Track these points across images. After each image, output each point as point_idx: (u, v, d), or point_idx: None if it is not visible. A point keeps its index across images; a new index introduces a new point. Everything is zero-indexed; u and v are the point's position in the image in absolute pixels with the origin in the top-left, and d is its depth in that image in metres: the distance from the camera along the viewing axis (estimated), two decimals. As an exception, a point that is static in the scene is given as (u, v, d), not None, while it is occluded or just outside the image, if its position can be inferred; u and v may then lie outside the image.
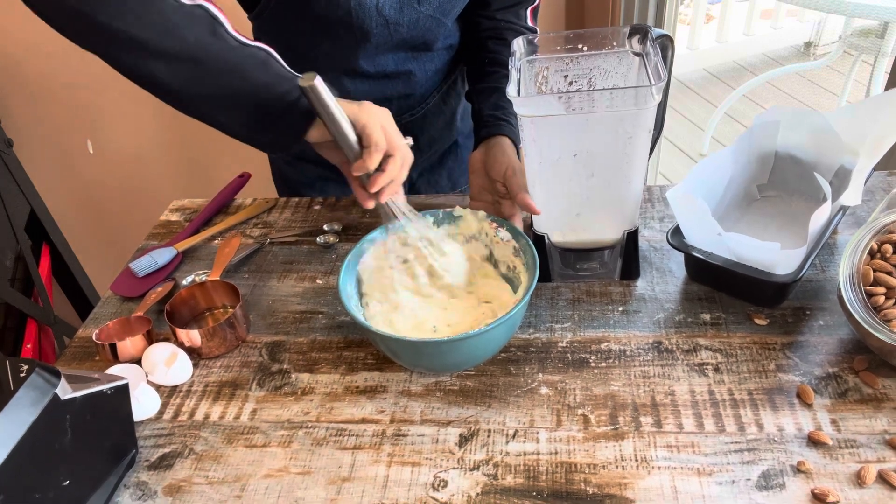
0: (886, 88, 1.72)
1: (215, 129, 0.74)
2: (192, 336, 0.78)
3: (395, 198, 0.76)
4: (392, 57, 0.92)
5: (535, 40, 0.80)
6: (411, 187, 1.13)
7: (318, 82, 0.66)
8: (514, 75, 0.74)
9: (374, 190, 0.72)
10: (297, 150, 0.75)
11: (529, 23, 0.98)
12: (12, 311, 1.56)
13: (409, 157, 0.75)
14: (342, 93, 0.92)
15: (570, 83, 0.82)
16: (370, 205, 0.75)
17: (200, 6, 0.67)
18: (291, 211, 1.05)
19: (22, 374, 0.56)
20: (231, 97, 0.70)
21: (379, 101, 0.95)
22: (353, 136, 0.71)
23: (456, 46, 1.00)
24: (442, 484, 0.64)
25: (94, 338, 0.80)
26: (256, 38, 0.96)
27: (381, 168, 0.72)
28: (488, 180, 0.86)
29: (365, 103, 0.73)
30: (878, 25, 2.35)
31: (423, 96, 1.01)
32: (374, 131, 0.70)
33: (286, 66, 0.72)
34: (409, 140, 0.76)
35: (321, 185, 1.11)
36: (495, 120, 0.90)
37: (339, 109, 0.69)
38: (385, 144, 0.71)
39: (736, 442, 0.64)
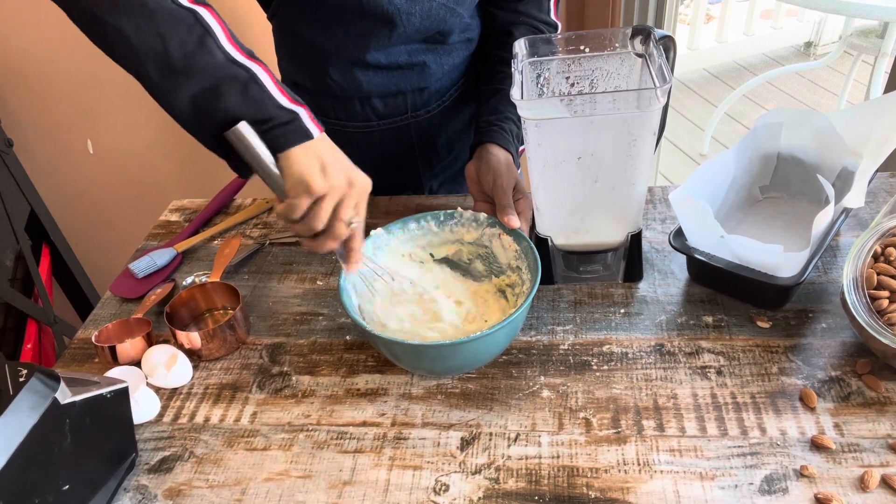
0: (886, 88, 1.71)
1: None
2: (192, 338, 0.78)
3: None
4: (405, 48, 0.89)
5: (540, 41, 0.79)
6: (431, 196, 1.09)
7: (241, 126, 0.64)
8: (517, 77, 0.73)
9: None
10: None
11: (553, 17, 0.94)
12: (12, 311, 1.55)
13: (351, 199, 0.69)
14: (355, 85, 0.91)
15: (572, 85, 0.81)
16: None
17: (194, 12, 0.63)
18: (292, 212, 1.05)
19: (21, 379, 0.56)
20: (191, 103, 0.64)
21: (392, 95, 0.94)
22: (281, 182, 0.67)
23: (476, 41, 0.97)
24: (443, 488, 0.64)
25: (93, 340, 0.80)
26: (275, 34, 0.94)
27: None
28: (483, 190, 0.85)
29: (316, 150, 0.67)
30: (878, 25, 2.35)
31: (439, 92, 0.98)
32: (295, 183, 0.66)
33: (272, 90, 0.66)
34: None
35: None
36: (488, 126, 0.88)
37: (266, 153, 0.65)
38: (310, 192, 0.66)
39: (739, 446, 0.64)
